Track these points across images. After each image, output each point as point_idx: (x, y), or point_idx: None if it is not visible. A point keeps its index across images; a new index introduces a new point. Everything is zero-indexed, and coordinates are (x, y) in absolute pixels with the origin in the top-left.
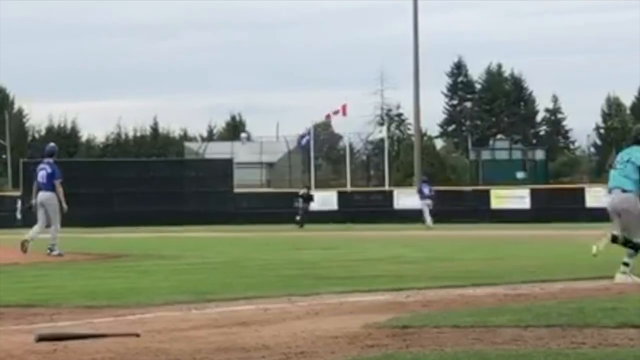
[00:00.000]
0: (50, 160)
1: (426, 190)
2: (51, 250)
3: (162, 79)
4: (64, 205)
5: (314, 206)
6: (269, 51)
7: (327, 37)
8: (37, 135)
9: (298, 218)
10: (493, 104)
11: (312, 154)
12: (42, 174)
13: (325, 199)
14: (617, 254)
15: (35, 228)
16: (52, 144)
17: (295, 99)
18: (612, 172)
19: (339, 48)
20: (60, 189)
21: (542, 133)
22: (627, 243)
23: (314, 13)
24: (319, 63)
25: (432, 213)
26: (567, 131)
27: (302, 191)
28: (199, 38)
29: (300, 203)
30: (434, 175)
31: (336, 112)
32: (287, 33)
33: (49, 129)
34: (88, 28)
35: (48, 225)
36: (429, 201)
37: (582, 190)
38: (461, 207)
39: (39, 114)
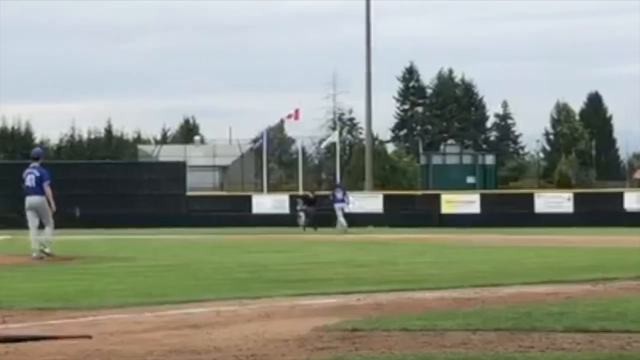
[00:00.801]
0: (37, 164)
1: (339, 194)
2: (44, 247)
3: (116, 81)
4: (53, 206)
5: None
6: (222, 55)
7: (280, 41)
8: None
9: (304, 222)
10: (444, 109)
11: (264, 158)
12: (30, 178)
13: (277, 203)
14: (567, 259)
15: (33, 232)
16: (38, 148)
17: (248, 103)
18: None
19: (292, 52)
20: (49, 191)
21: (492, 138)
22: None
23: (267, 17)
24: (272, 67)
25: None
26: (517, 136)
27: (304, 194)
28: (152, 41)
29: (303, 206)
30: (384, 179)
31: (289, 117)
32: (240, 37)
33: (3, 130)
34: (42, 30)
35: (41, 227)
36: (342, 204)
37: (531, 196)
38: (411, 211)
39: None
